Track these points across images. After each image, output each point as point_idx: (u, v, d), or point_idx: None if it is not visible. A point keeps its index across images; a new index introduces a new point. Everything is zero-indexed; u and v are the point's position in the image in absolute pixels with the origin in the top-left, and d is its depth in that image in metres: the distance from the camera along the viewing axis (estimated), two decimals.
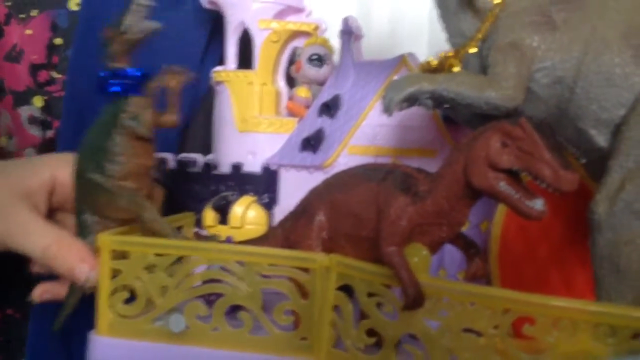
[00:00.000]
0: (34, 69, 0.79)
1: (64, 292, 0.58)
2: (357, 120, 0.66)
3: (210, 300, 0.52)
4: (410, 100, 0.48)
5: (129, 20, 0.54)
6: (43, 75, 0.79)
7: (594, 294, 0.45)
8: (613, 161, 0.45)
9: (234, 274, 0.50)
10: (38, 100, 0.80)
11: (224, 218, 0.68)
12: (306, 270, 0.49)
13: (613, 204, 0.44)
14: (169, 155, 0.73)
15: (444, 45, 0.53)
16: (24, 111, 0.80)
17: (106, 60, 0.55)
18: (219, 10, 0.75)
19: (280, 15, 0.73)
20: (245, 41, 0.74)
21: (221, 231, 0.67)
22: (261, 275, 0.50)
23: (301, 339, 0.49)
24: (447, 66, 0.49)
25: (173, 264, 0.51)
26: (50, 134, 0.80)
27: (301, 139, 0.69)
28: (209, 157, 0.75)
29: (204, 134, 0.78)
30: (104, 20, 0.54)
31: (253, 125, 0.71)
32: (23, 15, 0.79)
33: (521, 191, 0.40)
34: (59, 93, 0.79)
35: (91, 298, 0.54)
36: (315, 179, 0.59)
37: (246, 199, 0.69)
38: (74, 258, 0.54)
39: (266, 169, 0.70)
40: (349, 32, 0.71)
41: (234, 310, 0.51)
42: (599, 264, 0.44)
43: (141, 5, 0.54)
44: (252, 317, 0.50)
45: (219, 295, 0.50)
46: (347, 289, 0.47)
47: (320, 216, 0.51)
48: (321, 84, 0.73)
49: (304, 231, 0.51)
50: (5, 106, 0.80)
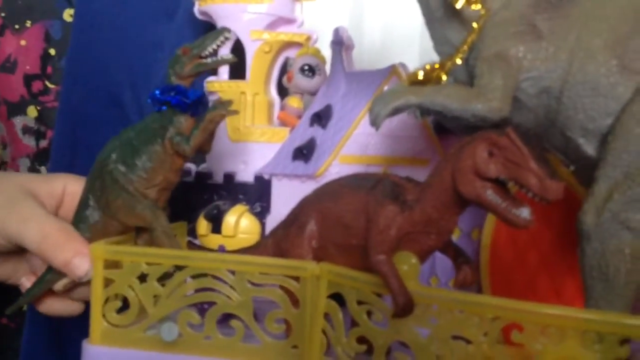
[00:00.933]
0: (28, 80, 0.80)
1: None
2: (349, 130, 0.67)
3: (202, 308, 0.52)
4: (397, 112, 0.48)
5: (210, 48, 0.55)
6: (37, 85, 0.80)
7: (584, 301, 0.46)
8: (600, 171, 0.45)
9: (225, 282, 0.50)
10: (32, 111, 0.80)
11: (217, 227, 0.68)
12: (297, 279, 0.49)
13: (601, 214, 0.44)
14: None
15: (435, 55, 0.53)
16: (18, 121, 0.81)
17: (171, 74, 0.56)
18: (212, 21, 0.75)
19: (272, 26, 0.74)
20: (238, 51, 0.74)
21: (214, 240, 0.67)
22: (252, 283, 0.50)
23: (292, 347, 0.50)
24: (434, 78, 0.48)
25: (165, 275, 0.52)
26: (44, 143, 0.81)
27: (293, 148, 0.69)
28: (202, 167, 0.75)
29: None
30: (97, 31, 0.55)
31: (245, 135, 0.72)
32: (18, 26, 0.79)
33: (508, 200, 0.41)
34: (52, 103, 0.80)
35: (86, 307, 0.54)
36: (307, 188, 0.59)
37: (239, 208, 0.69)
38: (73, 250, 0.53)
39: (258, 179, 0.71)
40: (340, 43, 0.71)
41: (226, 318, 0.51)
42: (588, 273, 0.45)
43: (225, 37, 0.56)
44: (244, 326, 0.50)
45: (211, 303, 0.51)
46: (338, 297, 0.48)
47: (310, 225, 0.51)
48: (313, 93, 0.73)
49: (295, 240, 0.52)
50: None
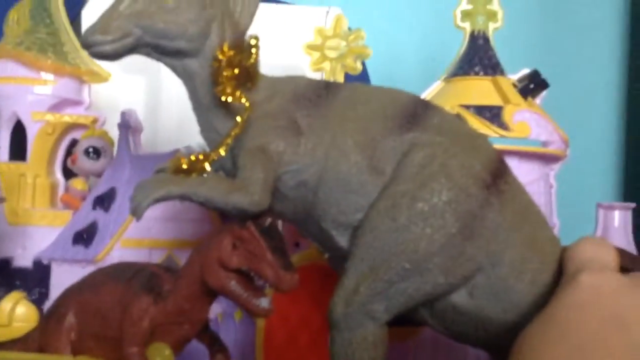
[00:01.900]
0: None
1: None
2: None
3: None
4: (159, 202, 0.48)
5: None
6: None
7: None
8: (349, 263, 0.46)
9: None
10: None
11: None
12: None
13: (349, 305, 0.45)
14: None
15: None
16: None
17: None
18: None
19: (56, 107, 0.73)
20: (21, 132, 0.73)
21: None
22: None
23: None
24: (199, 168, 0.48)
25: None
26: None
27: (74, 232, 0.68)
28: None
29: None
30: None
31: (24, 218, 0.70)
32: None
33: (250, 290, 0.43)
34: None
35: None
36: (88, 273, 0.58)
37: (15, 295, 0.65)
38: None
39: (37, 263, 0.68)
40: (127, 126, 0.72)
41: None
42: None
43: None
44: None
45: None
46: None
47: (70, 316, 0.50)
48: (99, 176, 0.73)
49: (54, 332, 0.50)
50: None
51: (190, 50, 0.48)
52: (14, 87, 0.72)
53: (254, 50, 0.47)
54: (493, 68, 0.74)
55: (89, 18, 0.88)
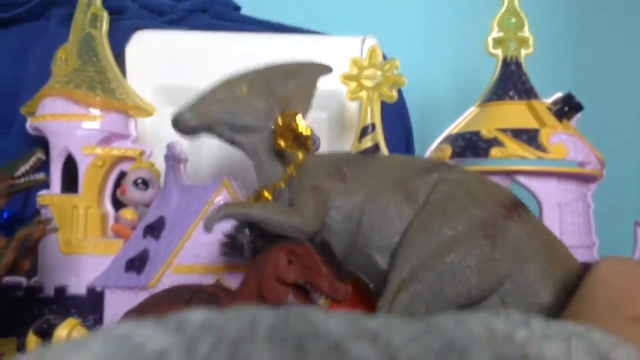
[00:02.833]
0: None
1: None
2: (181, 241, 0.69)
3: None
4: (227, 218, 0.57)
5: (23, 168, 0.56)
6: None
7: None
8: (391, 275, 0.52)
9: None
10: None
11: (47, 342, 0.67)
12: None
13: (393, 307, 0.50)
14: None
15: None
16: None
17: None
18: (44, 136, 0.77)
19: (105, 141, 0.76)
20: (72, 165, 0.76)
21: None
22: None
23: None
24: (263, 198, 0.60)
25: None
26: None
27: (126, 260, 0.70)
28: (33, 281, 0.74)
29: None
30: None
31: (77, 248, 0.72)
32: None
33: (306, 303, 0.45)
34: None
35: None
36: (140, 299, 0.60)
37: (70, 322, 0.68)
38: None
39: (91, 291, 0.71)
40: (172, 157, 0.75)
41: None
42: None
43: (38, 157, 0.59)
44: None
45: None
46: None
47: None
48: (147, 205, 0.75)
49: None
50: None
51: (256, 127, 0.60)
52: (64, 124, 0.75)
53: (299, 122, 0.58)
54: (527, 92, 0.76)
55: (132, 55, 0.92)
